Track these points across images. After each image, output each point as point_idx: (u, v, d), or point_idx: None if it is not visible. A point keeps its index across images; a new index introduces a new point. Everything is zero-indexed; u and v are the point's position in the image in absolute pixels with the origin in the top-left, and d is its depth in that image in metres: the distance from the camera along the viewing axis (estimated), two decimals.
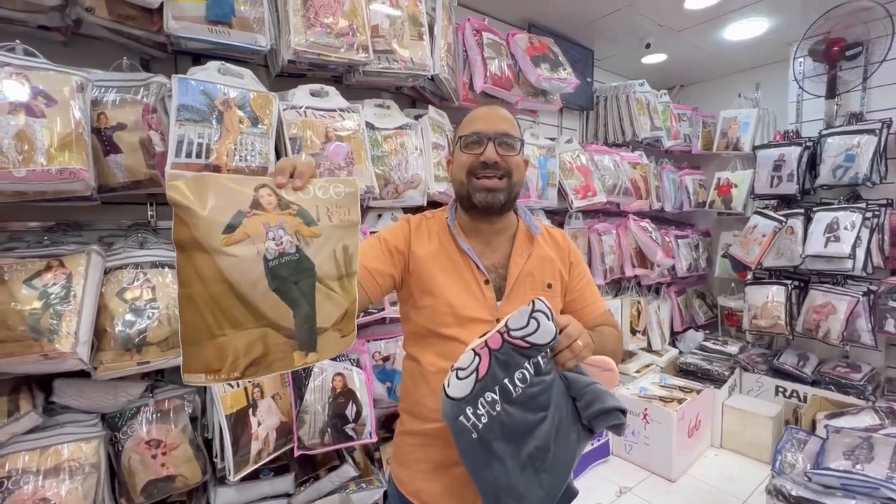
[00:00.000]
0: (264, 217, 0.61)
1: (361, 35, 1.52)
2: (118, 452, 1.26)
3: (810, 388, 2.56)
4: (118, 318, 1.18)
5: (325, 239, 0.66)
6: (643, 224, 2.77)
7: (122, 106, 1.22)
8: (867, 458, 1.60)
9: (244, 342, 0.59)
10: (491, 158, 0.92)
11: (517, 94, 2.05)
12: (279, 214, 0.62)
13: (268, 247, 0.60)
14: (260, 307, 0.60)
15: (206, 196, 0.57)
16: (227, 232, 0.58)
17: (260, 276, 0.60)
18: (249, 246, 0.59)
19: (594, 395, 0.80)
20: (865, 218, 2.41)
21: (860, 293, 2.45)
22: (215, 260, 0.57)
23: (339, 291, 0.68)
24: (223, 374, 0.59)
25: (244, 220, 0.59)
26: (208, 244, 0.56)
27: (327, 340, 0.67)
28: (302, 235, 0.64)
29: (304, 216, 0.65)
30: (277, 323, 0.62)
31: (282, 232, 0.62)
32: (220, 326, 0.58)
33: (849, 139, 2.48)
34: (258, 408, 1.37)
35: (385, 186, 1.60)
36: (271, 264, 0.61)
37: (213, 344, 0.58)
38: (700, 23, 2.62)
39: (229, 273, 0.58)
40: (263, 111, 1.35)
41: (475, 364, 0.76)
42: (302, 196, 0.65)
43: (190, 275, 0.57)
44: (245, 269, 0.59)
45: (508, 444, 0.76)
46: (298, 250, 0.63)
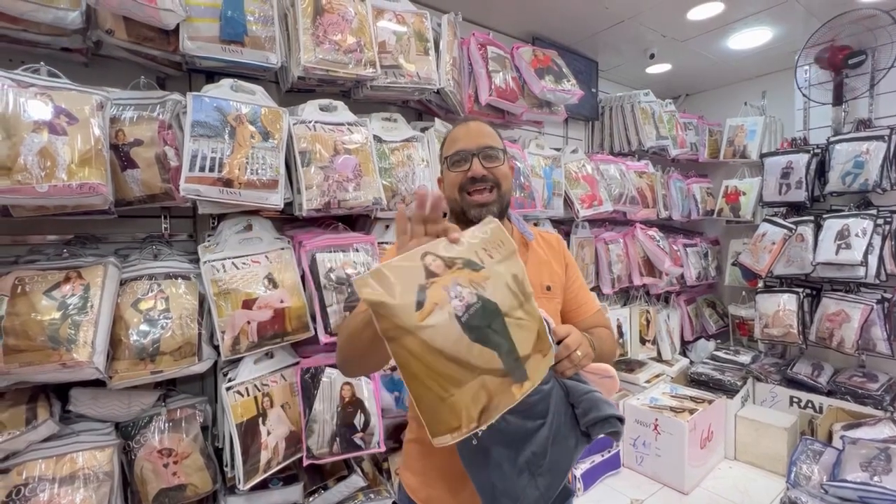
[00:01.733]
0: (441, 281, 0.65)
1: (369, 51, 1.56)
2: (131, 461, 1.28)
3: (826, 398, 2.50)
4: (133, 328, 1.21)
5: (496, 277, 0.70)
6: (650, 233, 2.77)
7: (139, 123, 1.27)
8: (885, 469, 1.57)
9: (469, 395, 0.63)
10: (478, 173, 0.95)
11: (522, 106, 2.08)
12: (451, 273, 0.66)
13: (454, 306, 0.64)
14: (470, 360, 0.64)
15: (389, 285, 0.62)
16: (419, 308, 0.62)
17: (459, 334, 0.64)
18: (440, 312, 0.63)
19: (591, 403, 0.82)
20: (877, 224, 2.38)
21: (874, 301, 2.41)
22: (419, 336, 0.61)
23: (525, 318, 0.72)
24: (463, 429, 0.63)
25: (427, 291, 0.63)
26: (409, 325, 0.61)
27: (533, 364, 0.71)
28: (476, 283, 0.68)
29: (470, 265, 0.68)
30: (489, 368, 0.65)
31: (459, 287, 0.66)
32: (446, 389, 0.62)
33: (857, 146, 2.47)
34: (268, 417, 1.39)
35: (393, 198, 1.63)
36: (463, 319, 0.64)
37: (446, 406, 0.62)
38: (704, 33, 2.64)
39: (434, 342, 0.62)
40: (274, 126, 1.39)
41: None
42: (458, 248, 0.69)
43: (406, 357, 0.62)
44: (445, 333, 0.63)
45: (506, 449, 0.78)
46: (479, 297, 0.67)
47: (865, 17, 2.44)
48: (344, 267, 1.49)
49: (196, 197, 1.27)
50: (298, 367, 1.48)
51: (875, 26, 2.44)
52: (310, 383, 1.47)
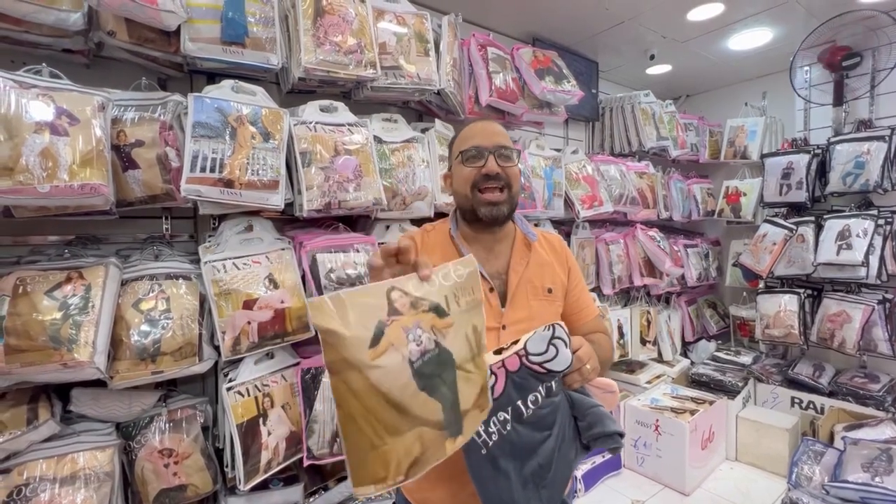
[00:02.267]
0: (402, 321, 0.61)
1: (369, 52, 1.56)
2: (131, 461, 1.28)
3: (827, 399, 2.50)
4: (134, 328, 1.21)
5: (458, 326, 0.67)
6: (651, 233, 2.76)
7: (141, 124, 1.27)
8: (886, 470, 1.56)
9: (403, 446, 0.60)
10: (493, 170, 0.95)
11: (522, 107, 2.08)
12: (415, 315, 0.62)
13: (410, 349, 0.61)
14: (412, 409, 0.61)
15: (346, 314, 0.57)
16: (373, 345, 0.58)
17: (408, 379, 0.60)
18: (395, 353, 0.59)
19: (596, 417, 0.83)
20: (878, 225, 2.38)
21: (875, 301, 2.41)
22: (366, 375, 0.57)
23: (474, 371, 0.69)
24: (389, 481, 0.59)
25: (385, 329, 0.59)
26: (358, 361, 0.57)
27: (470, 419, 0.68)
28: (438, 329, 0.64)
29: (436, 310, 0.65)
30: (429, 419, 0.62)
31: (420, 331, 0.62)
32: (381, 437, 0.58)
33: (858, 146, 2.47)
34: (268, 417, 1.39)
35: (393, 198, 1.63)
36: (416, 365, 0.61)
37: (376, 455, 0.59)
38: (704, 34, 2.64)
39: (381, 385, 0.58)
40: (275, 127, 1.40)
41: (491, 383, 0.77)
42: (428, 288, 0.65)
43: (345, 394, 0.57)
44: (394, 377, 0.59)
45: (514, 461, 0.79)
46: (437, 345, 0.64)
47: (865, 18, 2.44)
48: (344, 267, 1.49)
49: (197, 197, 1.28)
50: (299, 367, 1.48)
51: (875, 27, 2.44)
52: (310, 384, 1.47)
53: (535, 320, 0.97)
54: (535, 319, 0.98)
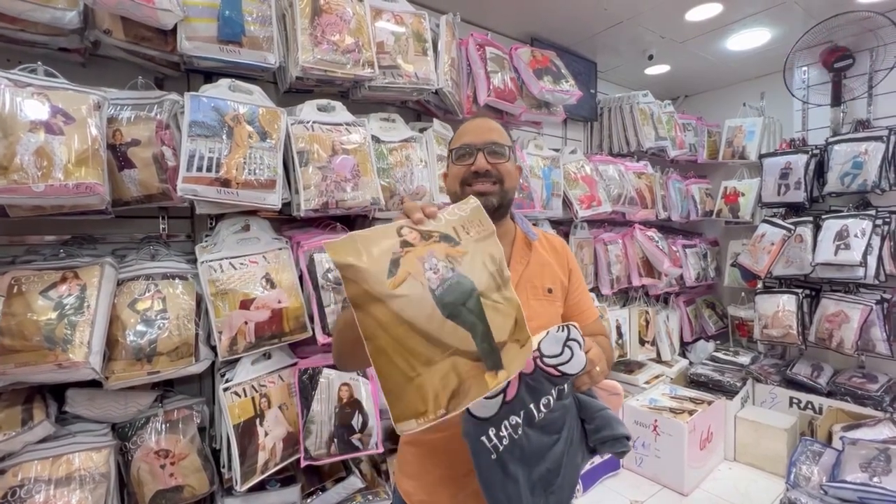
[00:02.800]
0: (416, 251, 0.63)
1: (367, 51, 1.56)
2: (127, 462, 1.27)
3: (826, 399, 2.50)
4: (130, 328, 1.20)
5: (472, 254, 0.67)
6: (649, 233, 2.76)
7: (137, 123, 1.27)
8: (885, 470, 1.56)
9: (439, 377, 0.60)
10: (482, 167, 0.94)
11: (521, 107, 2.08)
12: (427, 245, 0.64)
13: (429, 277, 0.62)
14: (441, 337, 0.61)
15: (360, 251, 0.59)
16: (391, 276, 0.59)
17: (432, 307, 0.61)
18: (413, 282, 0.60)
19: (605, 420, 0.82)
20: (876, 225, 2.38)
21: (873, 301, 2.41)
22: (389, 305, 0.58)
23: (503, 302, 0.68)
24: (430, 415, 0.60)
25: (401, 259, 0.61)
26: (378, 292, 0.58)
27: (510, 354, 0.67)
28: (452, 257, 0.65)
29: (447, 239, 0.66)
30: (461, 349, 0.62)
31: (435, 260, 0.63)
32: (413, 368, 0.59)
33: (856, 146, 2.47)
34: (265, 418, 1.38)
35: (391, 198, 1.62)
36: (437, 293, 0.61)
37: (412, 387, 0.59)
38: (702, 34, 2.64)
39: (405, 313, 0.59)
40: (272, 126, 1.39)
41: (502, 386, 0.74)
42: (435, 223, 0.68)
43: (372, 327, 0.58)
44: (417, 304, 0.60)
45: (523, 465, 0.78)
46: (455, 271, 0.64)
47: (861, 19, 2.44)
48: None
49: (193, 197, 1.27)
50: (296, 367, 1.47)
51: (873, 27, 2.44)
52: (307, 384, 1.46)
53: (535, 321, 0.96)
54: (534, 320, 0.96)
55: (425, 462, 0.97)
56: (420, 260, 0.62)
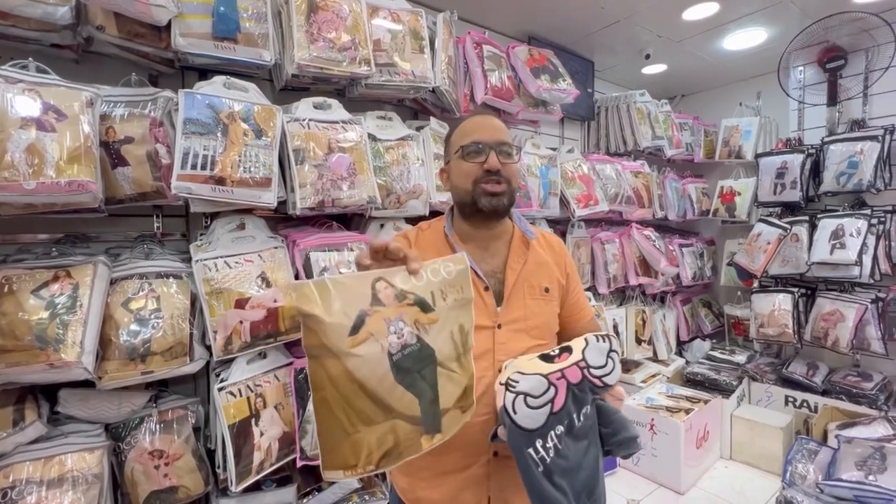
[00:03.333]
0: (384, 312, 0.61)
1: (364, 49, 1.55)
2: (121, 463, 1.26)
3: (821, 397, 2.51)
4: (123, 328, 1.19)
5: (443, 322, 0.67)
6: (646, 233, 2.77)
7: (130, 120, 1.25)
8: (880, 468, 1.57)
9: (376, 436, 0.60)
10: (494, 166, 0.94)
11: (518, 105, 2.07)
12: (398, 307, 0.62)
13: (391, 342, 0.61)
14: (388, 401, 0.61)
15: (329, 300, 0.58)
16: (353, 333, 0.58)
17: (385, 371, 0.60)
18: (374, 344, 0.60)
19: (621, 423, 0.83)
20: (871, 224, 2.39)
21: (868, 300, 2.42)
22: (344, 362, 0.58)
23: (458, 371, 0.68)
24: (359, 469, 0.60)
25: (367, 318, 0.59)
26: (336, 348, 0.57)
27: (450, 419, 0.67)
28: (421, 324, 0.64)
29: (421, 304, 0.65)
30: (405, 413, 0.62)
31: (402, 324, 0.62)
32: (354, 425, 0.59)
33: (852, 146, 2.48)
34: (261, 418, 1.37)
35: (387, 196, 1.62)
36: (395, 358, 0.61)
37: (349, 442, 0.59)
38: (699, 33, 2.64)
39: (357, 373, 0.58)
40: (267, 124, 1.38)
41: (550, 395, 0.75)
42: (416, 283, 0.65)
43: (322, 378, 0.58)
44: (372, 367, 0.59)
45: (567, 475, 0.77)
46: (419, 339, 0.64)
47: (856, 20, 2.45)
48: (338, 266, 1.48)
49: (187, 195, 1.26)
50: (292, 367, 1.46)
51: (867, 27, 2.45)
52: (304, 384, 1.45)
53: (531, 320, 0.97)
54: (530, 319, 0.97)
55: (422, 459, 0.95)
56: (386, 322, 0.61)
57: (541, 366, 0.79)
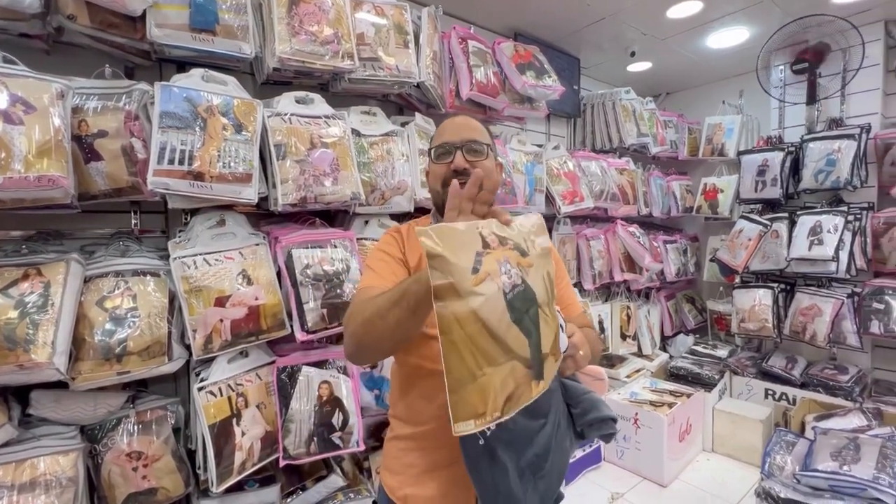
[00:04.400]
0: (495, 254, 0.64)
1: (347, 43, 1.53)
2: (97, 465, 1.23)
3: (799, 390, 2.57)
4: (98, 327, 1.16)
5: (537, 267, 0.70)
6: (631, 229, 2.79)
7: (104, 113, 1.22)
8: (854, 458, 1.61)
9: (500, 378, 0.61)
10: (460, 165, 0.93)
11: (503, 102, 2.07)
12: (504, 250, 0.65)
13: (503, 281, 0.63)
14: (507, 340, 0.62)
15: (451, 244, 0.61)
16: (474, 273, 0.61)
17: (503, 310, 0.62)
18: (491, 283, 0.62)
19: (591, 403, 0.83)
20: (848, 221, 2.44)
21: (845, 295, 2.49)
22: (468, 302, 0.59)
23: (550, 315, 0.71)
24: (488, 417, 0.61)
25: (483, 259, 0.62)
26: (462, 288, 0.59)
27: (548, 366, 0.69)
28: (522, 266, 0.67)
29: (519, 249, 0.68)
30: (520, 354, 0.64)
31: (509, 266, 0.65)
32: (480, 366, 0.60)
33: (830, 144, 2.53)
34: (242, 417, 1.35)
35: (372, 193, 1.60)
36: (509, 297, 0.63)
37: (476, 386, 0.60)
38: (683, 31, 2.67)
39: (481, 312, 0.60)
40: (247, 118, 1.35)
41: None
42: (510, 231, 0.69)
43: (450, 321, 0.59)
44: (492, 305, 0.61)
45: (511, 451, 0.78)
46: (524, 281, 0.66)
47: (827, 22, 2.50)
48: (321, 263, 1.46)
49: (165, 191, 1.23)
50: (274, 365, 1.45)
51: (842, 29, 2.50)
52: (286, 382, 1.43)
53: None
54: None
55: (410, 456, 0.97)
56: (498, 262, 0.63)
57: None
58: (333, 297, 1.45)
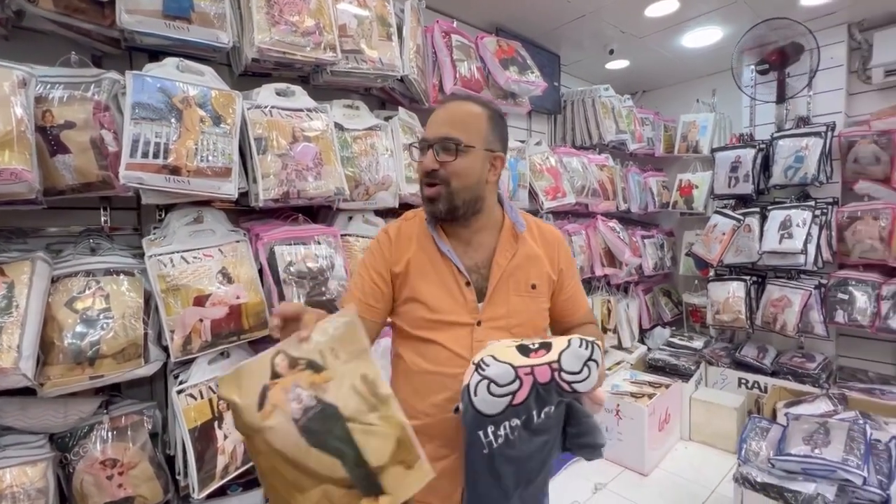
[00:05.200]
0: (282, 383, 0.65)
1: (328, 34, 1.49)
2: (69, 475, 1.17)
3: (770, 378, 2.67)
4: (68, 329, 1.10)
5: (340, 378, 0.68)
6: (611, 224, 2.84)
7: (71, 103, 1.15)
8: (824, 442, 1.68)
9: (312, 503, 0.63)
10: (427, 167, 0.90)
11: (486, 97, 2.06)
12: (293, 374, 0.66)
13: (292, 408, 0.64)
14: (310, 466, 0.63)
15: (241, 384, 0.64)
16: (260, 409, 0.64)
17: (297, 437, 0.63)
18: (279, 414, 0.63)
19: (589, 427, 0.83)
20: (815, 215, 2.55)
21: (812, 286, 2.59)
22: (263, 436, 0.63)
23: (378, 423, 0.67)
24: None
25: (268, 392, 0.64)
26: (253, 424, 0.63)
27: (393, 478, 0.66)
28: (317, 385, 0.66)
29: (312, 366, 0.67)
30: (330, 476, 0.64)
31: (299, 390, 0.65)
32: (290, 493, 0.63)
33: (798, 141, 2.63)
34: (224, 420, 1.30)
35: (356, 188, 1.57)
36: (300, 423, 0.64)
37: None
38: (660, 30, 2.72)
39: (275, 443, 0.63)
40: (226, 110, 1.30)
41: (514, 388, 0.75)
42: (306, 347, 0.68)
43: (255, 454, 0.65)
44: (283, 435, 0.63)
45: (511, 464, 0.78)
46: (319, 400, 0.65)
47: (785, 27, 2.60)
48: (305, 260, 1.43)
49: (139, 185, 1.17)
50: None
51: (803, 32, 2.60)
52: None
53: (514, 317, 0.95)
54: (513, 316, 0.95)
55: None
56: (284, 391, 0.65)
57: (515, 356, 0.79)
58: (318, 295, 1.42)
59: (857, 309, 2.46)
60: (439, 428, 0.90)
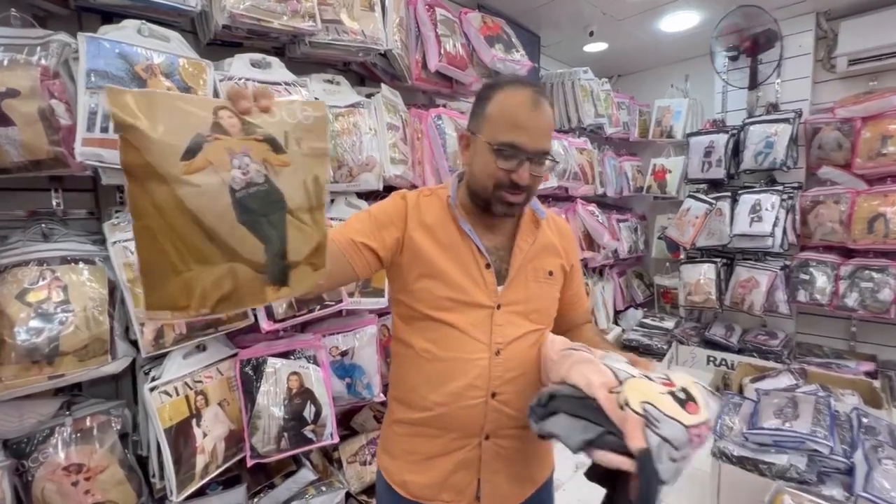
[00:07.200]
0: (228, 142, 0.54)
1: (307, 1, 1.38)
2: (27, 484, 1.06)
3: (737, 356, 2.80)
4: (20, 325, 0.98)
5: (295, 168, 0.60)
6: (590, 208, 2.86)
7: (13, 68, 1.00)
8: (794, 415, 1.77)
9: (212, 277, 0.55)
10: (524, 181, 0.83)
11: (472, 76, 1.99)
12: (244, 140, 0.55)
13: (234, 176, 0.54)
14: (228, 241, 0.55)
15: (156, 116, 0.50)
16: (186, 158, 0.51)
17: (226, 207, 0.54)
18: (212, 175, 0.53)
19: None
20: (782, 200, 2.65)
21: (778, 268, 2.71)
22: (174, 188, 0.51)
23: (310, 224, 0.62)
24: (192, 311, 0.55)
25: (205, 144, 0.52)
26: (165, 171, 0.50)
27: (299, 274, 0.62)
28: (270, 164, 0.57)
29: (271, 143, 0.58)
30: (248, 258, 0.57)
31: (248, 160, 0.55)
32: (185, 262, 0.53)
33: (768, 127, 2.71)
34: (203, 417, 1.22)
35: (339, 169, 1.48)
36: (238, 195, 0.55)
37: (179, 281, 0.53)
38: (639, 13, 2.71)
39: (191, 204, 0.52)
40: (196, 81, 1.18)
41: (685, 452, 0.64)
42: (268, 119, 0.58)
43: (145, 206, 0.50)
44: (209, 200, 0.53)
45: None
46: (267, 180, 0.57)
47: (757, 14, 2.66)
48: None
49: (98, 163, 1.05)
50: (237, 358, 1.32)
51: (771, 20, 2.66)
52: (251, 376, 1.32)
53: (532, 303, 0.93)
54: (531, 302, 0.93)
55: (411, 442, 0.93)
56: (229, 152, 0.54)
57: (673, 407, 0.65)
58: None
59: (817, 288, 2.60)
60: (455, 418, 0.86)
